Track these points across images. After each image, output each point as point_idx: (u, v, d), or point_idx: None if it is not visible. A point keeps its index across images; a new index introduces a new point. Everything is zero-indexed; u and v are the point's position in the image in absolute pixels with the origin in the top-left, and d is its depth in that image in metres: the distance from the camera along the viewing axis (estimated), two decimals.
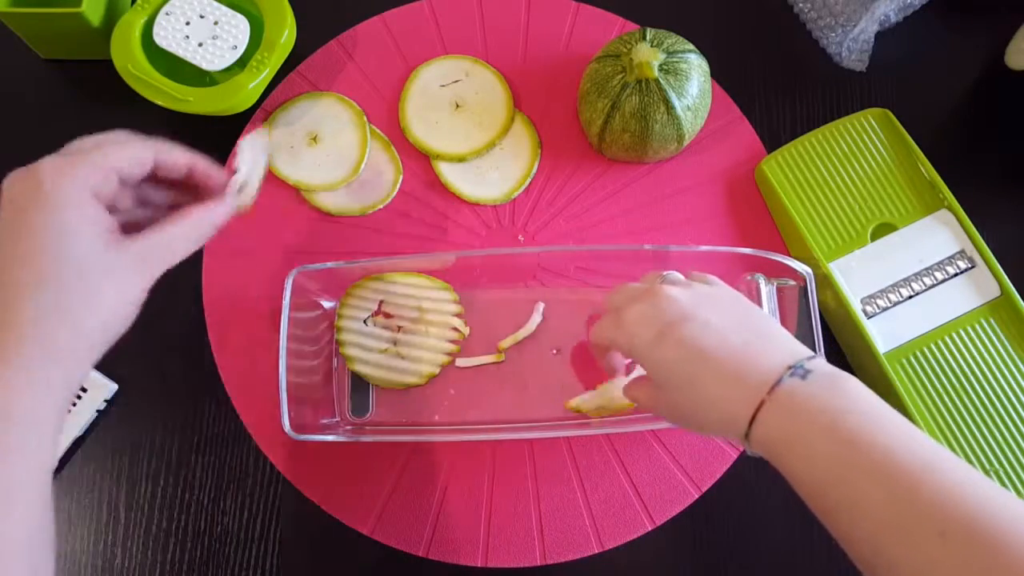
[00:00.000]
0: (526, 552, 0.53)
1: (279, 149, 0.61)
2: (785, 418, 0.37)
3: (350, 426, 0.55)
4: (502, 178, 0.60)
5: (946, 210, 0.56)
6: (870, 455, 0.34)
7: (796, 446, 0.36)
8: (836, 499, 0.35)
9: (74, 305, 0.35)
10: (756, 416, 0.37)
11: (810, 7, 0.63)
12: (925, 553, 0.32)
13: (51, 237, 0.35)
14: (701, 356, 0.39)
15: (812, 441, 0.36)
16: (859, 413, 0.36)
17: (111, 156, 0.37)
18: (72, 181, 0.36)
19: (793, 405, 0.37)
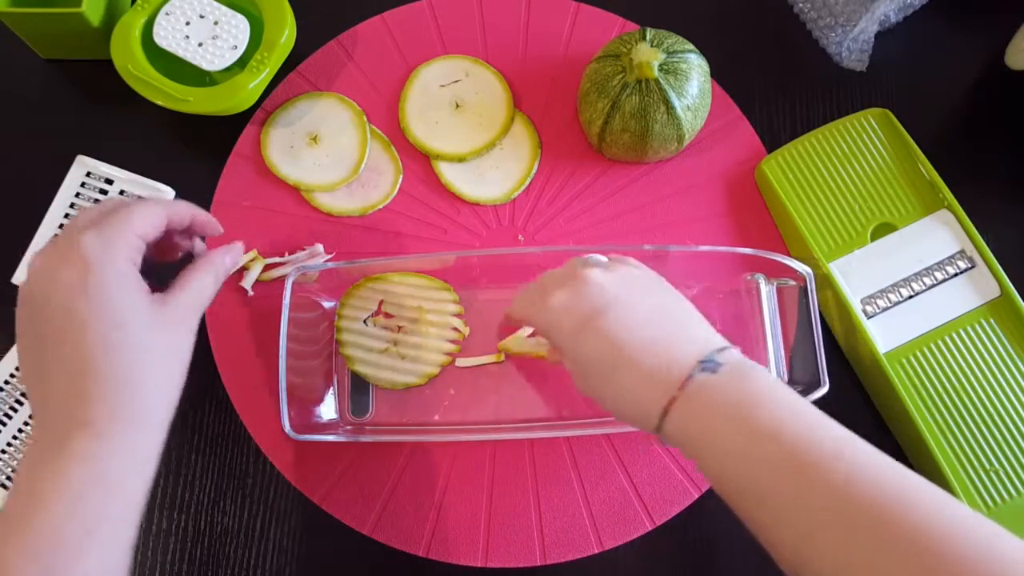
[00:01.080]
0: (526, 552, 0.53)
1: (280, 149, 0.61)
2: (695, 415, 0.37)
3: (350, 426, 0.55)
4: (502, 178, 0.61)
5: (946, 210, 0.56)
6: (777, 448, 0.35)
7: (706, 442, 0.37)
8: (747, 493, 0.35)
9: (145, 375, 0.38)
10: (667, 412, 0.38)
11: (810, 7, 0.63)
12: (830, 542, 0.32)
13: (112, 318, 0.37)
14: (618, 348, 0.39)
15: (722, 437, 0.36)
16: (766, 406, 0.36)
17: (137, 224, 0.39)
18: (116, 261, 0.38)
19: (702, 401, 0.37)
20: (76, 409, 0.36)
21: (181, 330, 0.40)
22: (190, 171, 0.61)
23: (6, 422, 0.56)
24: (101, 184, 0.60)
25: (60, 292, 0.37)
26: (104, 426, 0.36)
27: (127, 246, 0.39)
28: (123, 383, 0.37)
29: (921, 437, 0.52)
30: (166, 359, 0.39)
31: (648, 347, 0.39)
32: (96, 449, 0.36)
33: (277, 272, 0.58)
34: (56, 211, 0.59)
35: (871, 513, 0.32)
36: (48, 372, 0.37)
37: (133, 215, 0.40)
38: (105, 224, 0.39)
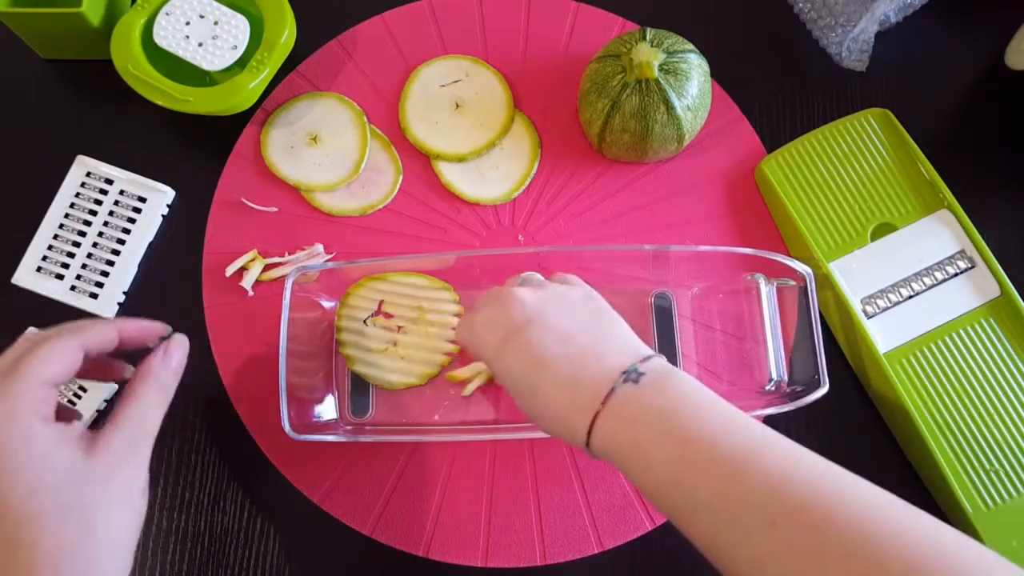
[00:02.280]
0: (526, 552, 0.53)
1: (280, 149, 0.61)
2: (620, 427, 0.37)
3: (350, 426, 0.55)
4: (502, 178, 0.61)
5: (946, 210, 0.56)
6: (697, 450, 0.34)
7: (633, 453, 0.36)
8: (674, 499, 0.35)
9: (75, 532, 0.34)
10: (593, 426, 0.37)
11: (810, 7, 0.63)
12: (758, 544, 0.32)
13: (24, 487, 0.33)
14: (540, 364, 0.39)
15: (647, 446, 0.36)
16: (687, 411, 0.36)
17: (40, 370, 0.36)
18: (18, 420, 0.34)
19: (626, 413, 0.37)
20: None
21: (123, 475, 0.36)
22: (190, 171, 0.61)
23: None
24: (101, 184, 0.60)
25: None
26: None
27: (30, 399, 0.35)
28: (57, 554, 0.33)
29: (921, 437, 0.52)
30: (107, 512, 0.35)
31: (568, 362, 0.39)
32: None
33: (277, 272, 0.58)
34: (56, 211, 0.59)
35: (788, 512, 0.32)
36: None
37: (34, 360, 0.36)
38: (5, 380, 0.35)
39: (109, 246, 0.59)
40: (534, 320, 0.40)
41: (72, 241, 0.59)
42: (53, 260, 0.58)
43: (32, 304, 0.58)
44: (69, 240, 0.59)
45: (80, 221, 0.59)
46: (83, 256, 0.59)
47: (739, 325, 0.56)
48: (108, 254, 0.59)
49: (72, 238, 0.59)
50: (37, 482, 0.34)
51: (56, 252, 0.59)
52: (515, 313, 0.41)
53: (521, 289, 0.42)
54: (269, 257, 0.58)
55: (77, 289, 0.58)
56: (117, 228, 0.59)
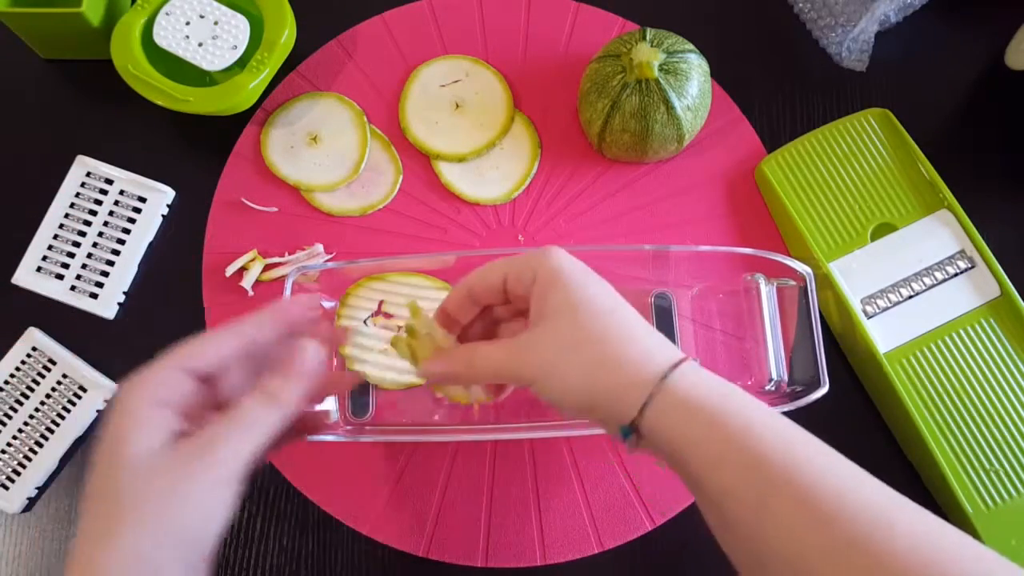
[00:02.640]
0: (526, 552, 0.53)
1: (280, 149, 0.61)
2: (673, 411, 0.36)
3: (350, 426, 0.55)
4: (502, 178, 0.61)
5: (946, 210, 0.56)
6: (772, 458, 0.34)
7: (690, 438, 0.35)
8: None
9: (135, 520, 0.32)
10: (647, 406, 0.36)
11: (810, 7, 0.63)
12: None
13: (107, 467, 0.33)
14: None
15: (705, 439, 0.35)
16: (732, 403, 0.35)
17: (187, 357, 0.35)
18: (137, 404, 0.34)
19: (681, 400, 0.36)
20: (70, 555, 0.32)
21: (202, 475, 0.33)
22: (190, 171, 0.61)
23: (6, 422, 0.56)
24: (101, 184, 0.60)
25: (97, 451, 0.34)
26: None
27: (158, 385, 0.34)
28: (100, 540, 0.32)
29: (921, 437, 0.52)
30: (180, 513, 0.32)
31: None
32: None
33: (277, 272, 0.58)
34: (56, 211, 0.59)
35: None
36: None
37: (188, 347, 0.36)
38: (151, 368, 0.35)
39: (109, 246, 0.59)
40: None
41: (72, 241, 0.59)
42: (53, 260, 0.58)
43: (32, 304, 0.58)
44: (69, 240, 0.59)
45: (80, 221, 0.59)
46: (83, 256, 0.59)
47: (739, 325, 0.56)
48: (108, 254, 0.59)
49: (72, 238, 0.59)
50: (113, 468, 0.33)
51: (56, 252, 0.59)
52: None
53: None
54: (269, 257, 0.58)
55: (77, 289, 0.58)
56: (117, 228, 0.59)
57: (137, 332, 0.58)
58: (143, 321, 0.58)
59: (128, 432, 0.33)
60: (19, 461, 0.55)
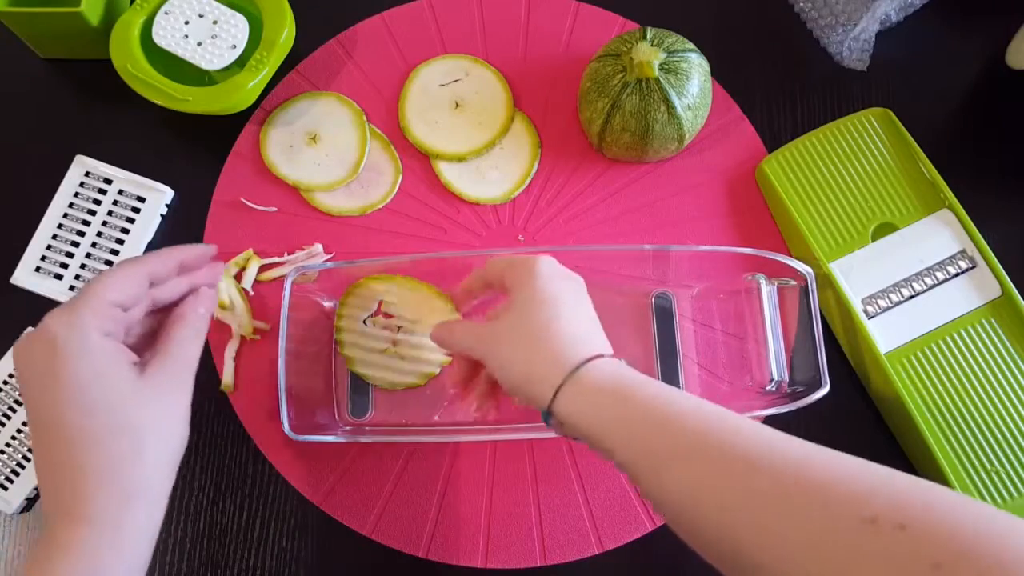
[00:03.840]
0: (526, 552, 0.53)
1: (279, 149, 0.60)
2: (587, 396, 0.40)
3: (350, 426, 0.55)
4: (502, 178, 0.60)
5: (947, 210, 0.56)
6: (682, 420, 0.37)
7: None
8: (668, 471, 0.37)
9: (129, 458, 0.36)
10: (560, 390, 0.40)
11: (811, 6, 0.63)
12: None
13: (84, 405, 0.35)
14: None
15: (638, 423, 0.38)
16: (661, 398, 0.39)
17: (107, 291, 0.38)
18: (85, 337, 0.36)
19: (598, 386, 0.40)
20: (61, 502, 0.35)
21: (170, 399, 0.38)
22: (189, 171, 0.61)
23: (5, 422, 0.56)
24: (100, 184, 0.60)
25: (34, 380, 0.36)
26: (89, 517, 0.35)
27: (97, 316, 0.36)
28: (106, 472, 0.35)
29: (921, 437, 0.52)
30: (155, 433, 0.37)
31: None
32: (80, 542, 0.34)
33: (276, 272, 0.58)
34: (55, 211, 0.59)
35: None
36: (38, 463, 0.36)
37: (100, 282, 0.38)
38: (74, 298, 0.37)
39: (108, 246, 0.59)
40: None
41: (71, 241, 0.59)
42: (52, 260, 0.58)
43: (31, 304, 0.58)
44: (68, 240, 0.59)
45: (79, 221, 0.59)
46: (82, 256, 0.58)
47: (740, 325, 0.56)
48: (107, 254, 0.59)
49: (71, 238, 0.59)
50: (91, 401, 0.35)
51: (55, 252, 0.58)
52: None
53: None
54: (268, 257, 0.58)
55: (76, 289, 0.58)
56: (116, 228, 0.59)
57: None
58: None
59: (100, 368, 0.36)
60: (18, 461, 0.55)
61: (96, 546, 0.34)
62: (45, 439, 0.36)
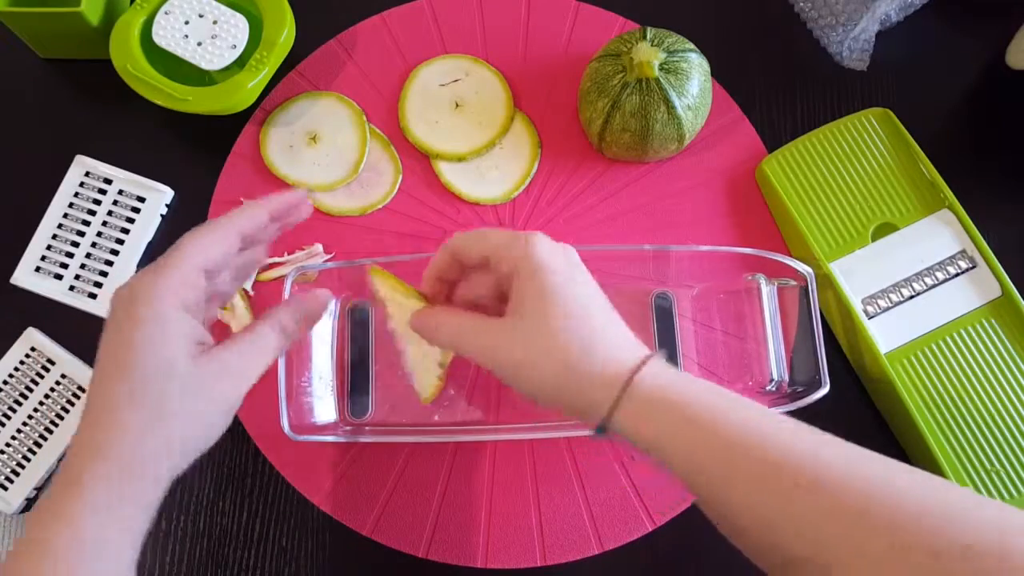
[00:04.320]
0: (526, 552, 0.53)
1: (279, 149, 0.60)
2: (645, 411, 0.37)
3: (350, 426, 0.55)
4: (502, 178, 0.60)
5: (947, 210, 0.56)
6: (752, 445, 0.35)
7: (666, 436, 0.36)
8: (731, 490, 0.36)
9: (153, 423, 0.35)
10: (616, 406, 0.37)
11: (811, 6, 0.63)
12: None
13: (138, 373, 0.35)
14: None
15: (681, 436, 0.36)
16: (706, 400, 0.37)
17: (193, 256, 0.37)
18: (160, 306, 0.35)
19: (652, 399, 0.37)
20: (77, 459, 0.34)
21: (216, 390, 0.36)
22: (189, 171, 0.61)
23: (5, 422, 0.56)
24: (100, 184, 0.60)
25: (108, 333, 0.36)
26: (103, 490, 0.34)
27: (179, 285, 0.36)
28: (135, 447, 0.34)
29: (921, 437, 0.52)
30: (190, 425, 0.36)
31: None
32: (87, 515, 0.33)
33: (276, 272, 0.58)
34: (55, 211, 0.59)
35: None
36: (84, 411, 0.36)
37: (188, 245, 0.37)
38: (161, 260, 0.36)
39: (108, 246, 0.59)
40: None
41: (71, 241, 0.59)
42: (52, 260, 0.58)
43: (31, 304, 0.58)
44: (68, 240, 0.59)
45: (79, 221, 0.59)
46: (82, 256, 0.58)
47: (739, 325, 0.56)
48: (107, 254, 0.59)
49: (71, 238, 0.59)
50: (142, 372, 0.35)
51: (55, 252, 0.58)
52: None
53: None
54: (269, 257, 0.58)
55: (76, 289, 0.58)
56: (116, 228, 0.59)
57: None
58: None
59: (162, 341, 0.35)
60: (18, 461, 0.55)
61: (103, 524, 0.34)
62: (93, 391, 0.36)
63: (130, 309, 0.35)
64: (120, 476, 0.34)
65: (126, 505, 0.34)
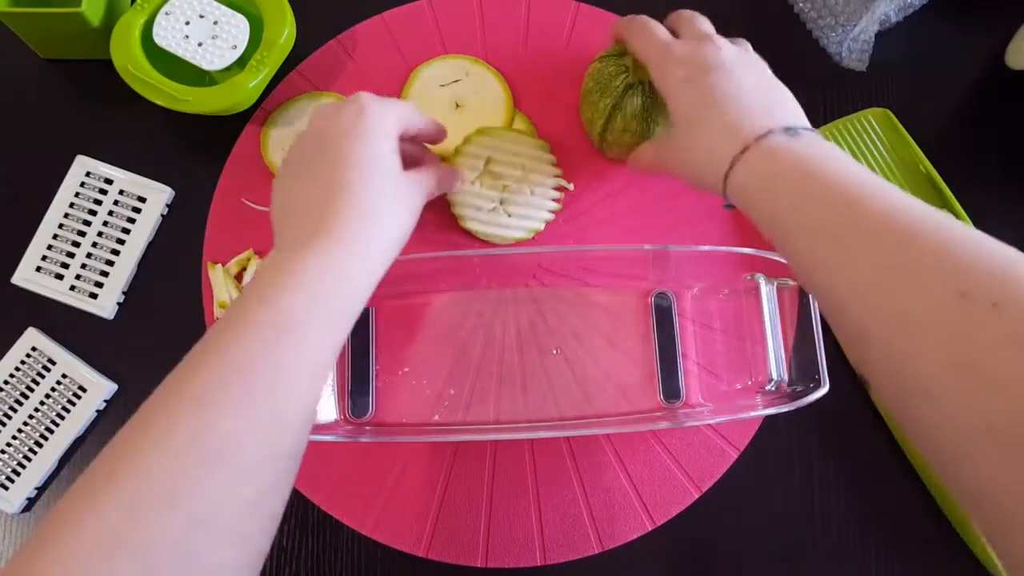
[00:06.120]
0: (526, 552, 0.53)
1: (280, 149, 0.61)
2: (763, 162, 0.40)
3: (350, 426, 0.55)
4: None
5: (946, 210, 0.56)
6: (837, 189, 0.36)
7: (769, 187, 0.39)
8: (798, 238, 0.38)
9: (384, 210, 0.43)
10: (735, 161, 0.41)
11: (810, 7, 0.63)
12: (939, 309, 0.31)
13: (373, 158, 0.43)
14: (713, 104, 0.43)
15: (784, 179, 0.38)
16: (830, 165, 0.38)
17: (406, 112, 0.47)
18: (387, 120, 0.44)
19: (774, 153, 0.40)
20: (323, 220, 0.40)
21: (412, 201, 0.46)
22: (190, 171, 0.61)
23: (6, 422, 0.56)
24: (101, 184, 0.60)
25: (335, 129, 0.43)
26: (345, 232, 0.40)
27: (396, 119, 0.45)
28: (367, 207, 0.41)
29: None
30: (399, 211, 0.44)
31: (739, 111, 0.43)
32: (335, 247, 0.40)
33: None
34: (55, 211, 0.59)
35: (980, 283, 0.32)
36: (302, 194, 0.43)
37: (397, 103, 0.46)
38: (382, 98, 0.46)
39: (109, 246, 0.59)
40: (723, 67, 0.44)
41: (72, 241, 0.59)
42: (53, 260, 0.58)
43: (32, 304, 0.58)
44: (69, 240, 0.59)
45: (80, 221, 0.59)
46: (83, 256, 0.58)
47: (739, 325, 0.56)
48: (108, 254, 0.59)
49: (72, 238, 0.59)
50: (375, 161, 0.43)
51: (56, 252, 0.58)
52: (710, 57, 0.45)
53: (722, 39, 0.47)
54: None
55: (77, 289, 0.58)
56: (117, 228, 0.59)
57: (136, 332, 0.58)
58: (142, 321, 0.58)
59: (387, 151, 0.44)
60: (19, 461, 0.55)
61: (348, 253, 0.40)
62: (322, 172, 0.43)
63: (363, 117, 0.43)
64: (370, 237, 0.42)
65: (369, 260, 0.42)
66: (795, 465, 0.56)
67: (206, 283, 0.58)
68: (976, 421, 0.28)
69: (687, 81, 0.45)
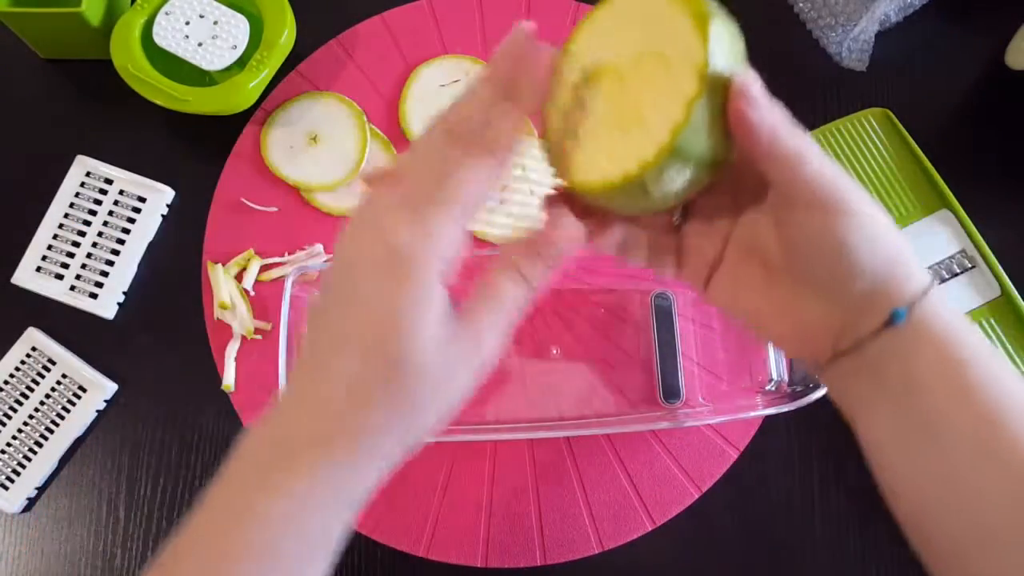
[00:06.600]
0: (526, 552, 0.53)
1: (280, 149, 0.61)
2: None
3: None
4: None
5: (946, 210, 0.56)
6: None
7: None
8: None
9: (405, 412, 0.31)
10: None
11: (810, 6, 0.63)
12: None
13: (398, 330, 0.29)
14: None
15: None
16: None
17: (467, 195, 0.30)
18: (429, 269, 0.29)
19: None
20: (344, 425, 0.31)
21: (471, 360, 0.32)
22: (190, 171, 0.61)
23: (6, 422, 0.56)
24: (101, 184, 0.60)
25: (345, 269, 0.30)
26: (366, 451, 0.31)
27: (447, 245, 0.30)
28: (404, 411, 0.31)
29: None
30: (432, 407, 0.32)
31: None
32: (351, 476, 0.32)
33: (277, 272, 0.58)
34: (56, 211, 0.59)
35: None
36: (333, 365, 0.30)
37: (462, 191, 0.30)
38: (425, 205, 0.29)
39: (109, 246, 0.59)
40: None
41: (72, 241, 0.59)
42: (53, 260, 0.58)
43: (32, 304, 0.58)
44: (69, 240, 0.59)
45: (80, 221, 0.59)
46: (83, 256, 0.58)
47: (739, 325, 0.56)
48: (108, 254, 0.59)
49: (72, 238, 0.59)
50: (410, 350, 0.29)
51: (56, 252, 0.58)
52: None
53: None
54: (269, 257, 0.58)
55: (77, 289, 0.58)
56: (117, 228, 0.59)
57: (137, 332, 0.58)
58: (143, 321, 0.58)
59: (424, 321, 0.29)
60: (19, 461, 0.55)
61: (361, 482, 0.32)
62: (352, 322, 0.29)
63: (396, 260, 0.29)
64: (349, 470, 0.32)
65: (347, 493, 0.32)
66: (795, 465, 0.56)
67: (206, 283, 0.58)
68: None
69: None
